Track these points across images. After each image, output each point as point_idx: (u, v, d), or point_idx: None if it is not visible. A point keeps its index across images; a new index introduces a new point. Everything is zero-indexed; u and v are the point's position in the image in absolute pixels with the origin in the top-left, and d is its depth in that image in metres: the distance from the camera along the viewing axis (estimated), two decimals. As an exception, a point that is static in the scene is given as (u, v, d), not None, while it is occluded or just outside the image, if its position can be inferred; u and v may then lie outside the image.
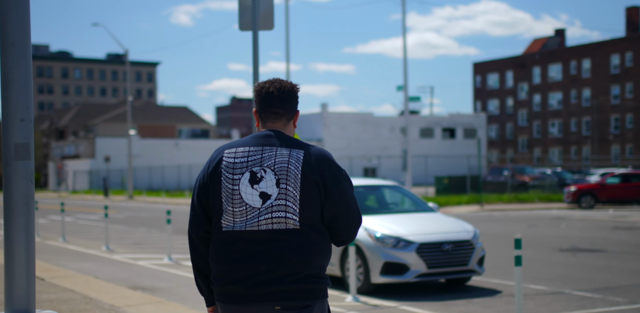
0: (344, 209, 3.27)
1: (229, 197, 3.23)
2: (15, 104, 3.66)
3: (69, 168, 72.84)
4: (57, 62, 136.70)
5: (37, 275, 11.73)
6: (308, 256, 3.19)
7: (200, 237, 3.35)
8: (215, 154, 3.35)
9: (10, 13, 3.67)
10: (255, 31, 7.10)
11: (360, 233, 10.45)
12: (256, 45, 7.08)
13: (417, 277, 10.17)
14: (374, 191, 12.12)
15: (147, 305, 9.14)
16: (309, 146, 3.30)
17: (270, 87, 3.36)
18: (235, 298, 3.19)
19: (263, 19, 7.17)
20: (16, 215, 3.66)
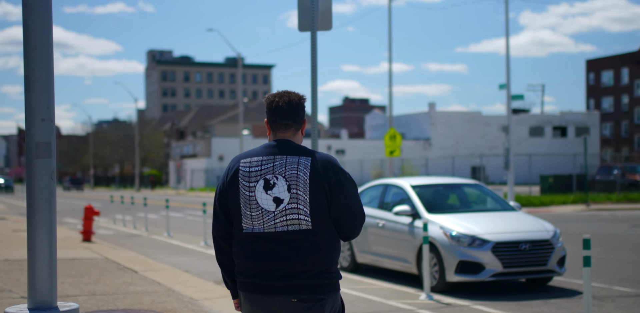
0: (347, 209, 3.57)
1: (247, 202, 3.55)
2: (36, 104, 3.76)
3: (187, 167, 75.07)
4: (179, 66, 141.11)
5: (131, 267, 12.15)
6: (321, 254, 3.49)
7: (223, 237, 3.68)
8: (232, 164, 3.66)
9: (32, 17, 3.77)
10: (314, 32, 7.07)
11: (435, 232, 10.26)
12: (314, 45, 7.04)
13: (492, 276, 9.87)
14: (454, 190, 11.86)
15: (223, 299, 9.26)
16: (315, 153, 3.59)
17: (279, 101, 3.63)
18: (256, 289, 3.50)
19: (321, 19, 7.14)
20: (38, 211, 3.77)
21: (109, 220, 25.93)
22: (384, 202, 11.80)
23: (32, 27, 3.77)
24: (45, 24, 3.80)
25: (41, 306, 3.75)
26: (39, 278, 3.78)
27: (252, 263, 3.50)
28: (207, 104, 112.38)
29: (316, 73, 7.05)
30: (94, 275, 11.28)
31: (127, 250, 15.20)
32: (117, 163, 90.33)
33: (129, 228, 22.62)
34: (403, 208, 10.87)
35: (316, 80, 7.06)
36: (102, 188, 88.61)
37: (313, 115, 7.18)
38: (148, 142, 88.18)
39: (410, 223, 10.78)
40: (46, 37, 3.80)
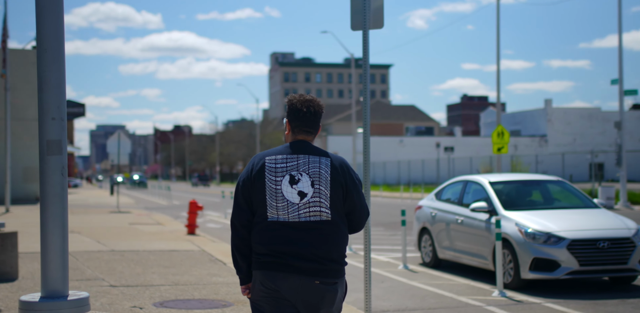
0: (358, 204, 3.95)
1: (273, 194, 3.84)
2: (47, 104, 3.89)
3: (305, 164, 76.02)
4: (300, 67, 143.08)
5: (222, 259, 12.38)
6: (338, 242, 3.86)
7: (244, 225, 3.92)
8: (257, 160, 3.95)
9: (44, 21, 3.90)
10: (366, 31, 6.96)
11: (511, 228, 9.92)
12: (366, 44, 6.93)
13: (568, 274, 9.42)
14: (535, 186, 11.40)
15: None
16: (331, 154, 3.98)
17: (306, 111, 3.98)
18: (281, 267, 3.76)
19: (373, 18, 7.02)
20: (49, 205, 3.90)
21: (222, 214, 26.60)
22: (463, 198, 11.51)
23: (44, 31, 3.90)
24: (56, 27, 3.92)
25: (53, 295, 3.88)
26: (51, 269, 3.90)
27: (277, 246, 3.78)
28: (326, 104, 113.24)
29: (367, 72, 6.94)
30: (185, 266, 11.58)
31: (225, 243, 15.52)
32: (241, 161, 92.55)
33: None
34: (480, 205, 10.56)
35: (367, 79, 6.95)
36: (228, 184, 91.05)
37: (364, 113, 7.07)
38: (269, 140, 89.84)
39: (487, 219, 10.47)
40: (57, 40, 3.92)
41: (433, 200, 12.50)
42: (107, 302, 8.26)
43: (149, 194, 54.93)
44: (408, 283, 10.46)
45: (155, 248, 13.96)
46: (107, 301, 8.34)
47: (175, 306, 8.16)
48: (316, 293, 3.78)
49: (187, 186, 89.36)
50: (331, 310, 3.87)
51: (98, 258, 12.29)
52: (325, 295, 3.80)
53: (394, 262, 12.74)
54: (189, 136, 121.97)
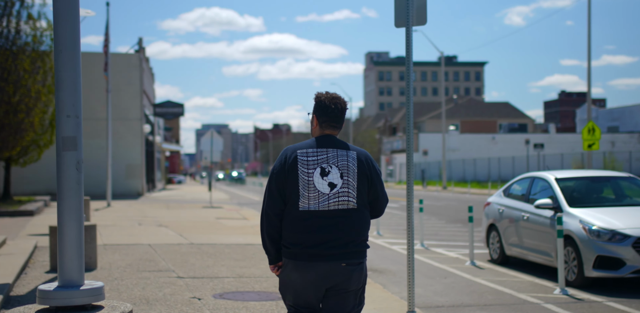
0: (380, 194, 4.25)
1: (305, 185, 4.05)
2: (63, 102, 3.98)
3: (397, 161, 75.54)
4: (395, 66, 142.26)
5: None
6: (362, 228, 4.14)
7: (276, 214, 4.12)
8: (289, 153, 4.14)
9: (60, 24, 3.99)
10: (409, 28, 6.82)
11: (575, 225, 9.52)
12: (409, 41, 6.79)
13: (633, 273, 8.95)
14: (604, 183, 10.89)
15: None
16: (356, 148, 4.24)
17: (334, 108, 4.21)
18: (310, 257, 4.01)
19: (417, 14, 6.87)
20: (65, 199, 3.99)
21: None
22: (530, 195, 11.12)
23: (61, 32, 3.99)
24: (72, 29, 4.01)
25: (68, 284, 3.97)
26: (67, 260, 4.00)
27: (309, 235, 4.01)
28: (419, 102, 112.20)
29: (410, 68, 6.80)
30: (255, 259, 11.69)
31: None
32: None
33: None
34: (544, 201, 10.18)
35: (410, 75, 6.80)
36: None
37: (407, 108, 6.92)
38: (362, 138, 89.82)
39: (552, 216, 10.08)
40: (73, 41, 4.01)
41: (501, 197, 12.15)
42: (169, 293, 8.43)
43: (245, 190, 55.93)
44: (471, 280, 10.20)
45: (232, 242, 14.16)
46: (169, 291, 8.51)
47: (232, 297, 8.24)
48: (345, 274, 4.06)
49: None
50: (358, 288, 4.18)
51: (176, 250, 12.57)
52: (352, 275, 4.09)
53: (462, 258, 12.47)
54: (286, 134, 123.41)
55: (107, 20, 29.01)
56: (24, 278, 9.58)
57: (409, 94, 6.82)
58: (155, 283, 9.11)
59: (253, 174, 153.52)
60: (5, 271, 9.27)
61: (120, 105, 38.00)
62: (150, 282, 9.15)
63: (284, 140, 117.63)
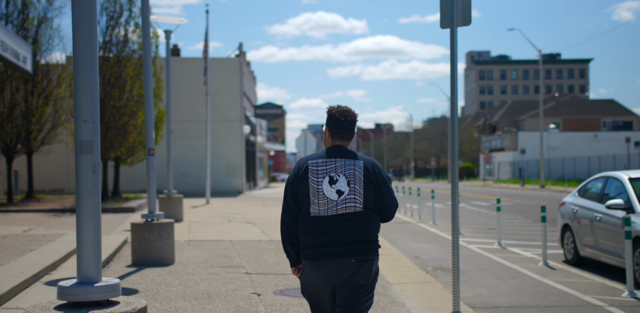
0: (388, 198, 4.40)
1: (315, 193, 4.29)
2: (79, 108, 4.07)
3: (495, 160, 73.78)
4: (496, 65, 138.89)
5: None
6: (371, 228, 4.30)
7: (292, 219, 4.38)
8: (301, 164, 4.41)
9: (78, 33, 4.09)
10: (453, 28, 6.61)
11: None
12: (454, 42, 6.58)
13: None
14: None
15: (414, 284, 9.06)
16: (364, 157, 4.43)
17: (344, 120, 4.41)
18: (322, 256, 4.24)
19: (462, 15, 6.65)
20: (83, 200, 4.08)
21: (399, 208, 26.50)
22: (603, 195, 10.57)
23: (78, 42, 4.08)
24: (89, 39, 4.09)
25: (85, 281, 4.05)
26: (84, 258, 4.08)
27: (318, 238, 4.23)
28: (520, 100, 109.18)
29: (455, 71, 6.58)
30: (327, 256, 11.69)
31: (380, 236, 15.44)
32: (434, 156, 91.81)
33: (406, 216, 22.95)
34: (616, 202, 9.65)
35: (455, 78, 6.58)
36: (421, 179, 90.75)
37: (452, 113, 6.70)
38: (461, 137, 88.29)
39: (623, 217, 9.54)
40: (90, 50, 4.09)
41: (575, 197, 11.62)
42: (232, 288, 8.53)
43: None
44: (539, 280, 9.80)
45: (310, 239, 14.20)
46: (232, 287, 8.61)
47: (292, 294, 8.24)
48: (353, 270, 4.25)
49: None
50: (368, 283, 4.31)
51: (254, 247, 12.73)
52: (359, 270, 4.25)
53: (537, 259, 12.00)
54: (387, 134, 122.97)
55: (206, 28, 29.76)
56: (105, 271, 9.93)
57: (454, 99, 6.60)
58: (223, 278, 9.24)
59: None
60: (86, 265, 9.65)
61: (221, 107, 38.92)
62: (218, 278, 9.29)
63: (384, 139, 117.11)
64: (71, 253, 10.44)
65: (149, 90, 11.23)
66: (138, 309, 4.00)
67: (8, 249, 10.45)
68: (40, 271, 8.43)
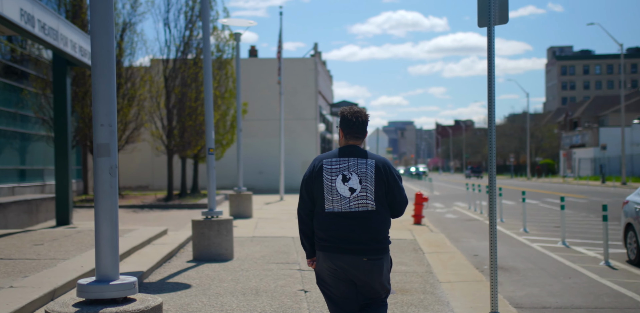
0: (398, 195, 4.52)
1: (329, 190, 4.45)
2: (97, 112, 4.16)
3: (576, 156, 71.40)
4: (578, 60, 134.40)
5: (423, 249, 12.17)
6: (381, 226, 4.43)
7: (307, 214, 4.58)
8: (317, 162, 4.56)
9: (96, 40, 4.18)
10: (490, 27, 6.40)
11: None
12: (491, 40, 6.38)
13: None
14: None
15: (463, 283, 8.85)
16: (375, 156, 4.55)
17: (356, 121, 4.54)
18: (337, 250, 4.40)
19: (499, 14, 6.44)
20: (100, 201, 4.17)
21: (467, 205, 26.01)
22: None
23: (96, 49, 4.17)
24: (106, 47, 4.17)
25: (103, 279, 4.14)
26: (102, 257, 4.17)
27: (335, 232, 4.39)
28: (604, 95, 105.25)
29: (493, 68, 6.37)
30: (384, 254, 11.58)
31: (441, 233, 15.19)
32: (512, 153, 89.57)
33: (475, 213, 22.48)
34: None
35: (492, 76, 6.37)
36: (500, 176, 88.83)
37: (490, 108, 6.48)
38: (541, 133, 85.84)
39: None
40: (107, 57, 4.17)
41: (639, 195, 11.09)
42: (281, 285, 8.55)
43: (418, 184, 55.42)
44: (596, 281, 9.41)
45: (372, 236, 14.10)
46: (282, 283, 8.63)
47: (339, 291, 8.19)
48: (365, 267, 4.40)
49: (462, 177, 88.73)
50: (380, 279, 4.49)
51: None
52: (372, 269, 4.42)
53: (599, 258, 11.52)
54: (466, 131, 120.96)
55: (280, 29, 29.99)
56: (166, 266, 10.15)
57: (492, 97, 6.39)
58: (275, 274, 9.28)
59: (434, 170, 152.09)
60: (147, 260, 9.88)
61: (297, 106, 39.19)
62: (271, 274, 9.33)
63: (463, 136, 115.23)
64: (134, 248, 10.71)
65: (208, 92, 11.39)
66: (151, 307, 4.05)
67: (77, 244, 10.82)
68: (100, 266, 8.67)
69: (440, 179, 78.47)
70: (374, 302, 4.62)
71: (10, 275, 7.83)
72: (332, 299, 4.59)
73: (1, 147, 23.26)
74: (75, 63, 15.87)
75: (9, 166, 23.56)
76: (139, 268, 9.09)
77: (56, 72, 16.07)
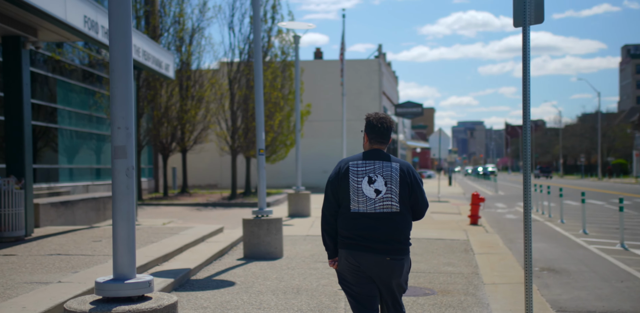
0: (420, 198, 4.59)
1: (355, 191, 4.51)
2: (114, 115, 4.20)
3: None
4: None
5: (475, 249, 11.91)
6: (404, 228, 4.50)
7: (332, 214, 4.63)
8: (343, 165, 4.64)
9: (114, 46, 4.22)
10: (526, 26, 6.17)
11: None
12: (526, 40, 6.15)
13: None
14: None
15: (507, 285, 8.61)
16: (399, 160, 4.64)
17: (381, 126, 4.64)
18: (361, 248, 4.45)
19: (535, 13, 6.20)
20: (117, 201, 4.21)
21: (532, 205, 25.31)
22: None
23: (114, 55, 4.21)
24: (124, 52, 4.20)
25: (119, 277, 4.17)
26: (119, 256, 4.20)
27: (359, 231, 4.45)
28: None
29: (528, 68, 6.15)
30: (433, 254, 11.39)
31: (496, 234, 14.83)
32: (583, 153, 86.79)
33: (537, 214, 21.89)
34: None
35: (528, 74, 6.15)
36: (570, 176, 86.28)
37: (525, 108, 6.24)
38: (613, 133, 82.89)
39: None
40: (125, 62, 4.20)
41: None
42: (323, 284, 8.49)
43: (484, 185, 54.41)
44: (649, 285, 8.98)
45: (425, 236, 13.90)
46: (324, 282, 8.58)
47: (380, 291, 8.08)
48: (387, 267, 4.46)
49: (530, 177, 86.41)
50: (399, 280, 4.54)
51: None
52: (394, 269, 4.47)
53: (658, 261, 11.02)
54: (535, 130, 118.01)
55: (342, 32, 29.97)
56: (216, 263, 10.25)
57: (527, 99, 6.16)
58: (320, 274, 9.24)
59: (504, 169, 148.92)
60: (197, 257, 10.00)
61: (361, 106, 39.08)
62: (316, 273, 9.30)
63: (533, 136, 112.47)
64: (187, 245, 10.86)
65: (259, 94, 11.43)
66: (164, 306, 4.06)
67: (133, 241, 11.05)
68: (150, 263, 8.82)
69: (508, 179, 76.86)
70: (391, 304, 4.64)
71: (62, 270, 8.05)
72: (355, 298, 4.60)
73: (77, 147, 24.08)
74: (140, 67, 16.24)
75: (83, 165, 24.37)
76: (187, 265, 9.20)
77: (122, 75, 16.47)
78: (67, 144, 23.27)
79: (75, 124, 23.82)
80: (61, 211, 14.67)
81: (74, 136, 23.79)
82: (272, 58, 28.95)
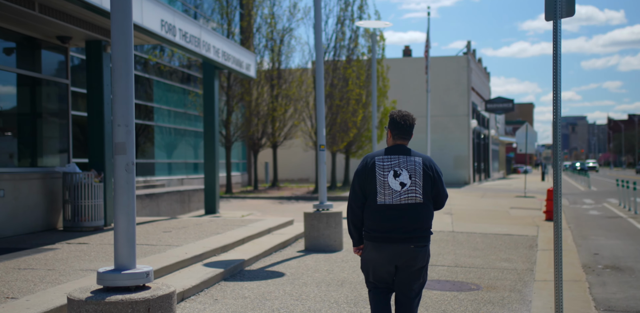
0: (442, 190, 4.78)
1: (381, 184, 4.66)
2: (115, 113, 4.28)
3: None
4: None
5: (541, 246, 11.39)
6: (427, 218, 4.67)
7: (358, 206, 4.75)
8: (369, 160, 4.77)
9: (116, 46, 4.29)
10: (556, 20, 5.80)
11: None
12: (556, 34, 5.79)
13: None
14: None
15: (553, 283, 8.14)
16: (421, 154, 4.80)
17: (404, 123, 4.78)
18: (386, 240, 4.61)
19: (566, 7, 5.83)
20: (117, 195, 4.29)
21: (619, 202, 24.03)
22: None
23: (115, 55, 4.28)
24: (125, 51, 4.27)
25: (120, 268, 4.25)
26: (119, 248, 4.28)
27: (385, 223, 4.59)
28: None
29: (558, 62, 5.78)
30: (493, 249, 10.99)
31: (568, 230, 14.14)
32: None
33: (623, 210, 20.71)
34: None
35: (558, 71, 5.77)
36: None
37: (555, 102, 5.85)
38: None
39: None
40: (125, 61, 4.27)
41: None
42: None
43: (579, 180, 52.03)
44: None
45: (493, 232, 13.45)
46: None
47: (426, 286, 7.86)
48: (412, 254, 4.62)
49: (632, 173, 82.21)
50: (422, 264, 4.71)
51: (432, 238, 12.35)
52: (417, 256, 4.65)
53: None
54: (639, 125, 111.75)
55: (427, 29, 29.42)
56: (275, 255, 10.30)
57: (557, 91, 5.79)
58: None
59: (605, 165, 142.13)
60: (256, 248, 10.08)
61: (449, 102, 38.31)
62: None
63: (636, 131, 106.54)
64: (250, 237, 10.97)
65: (320, 93, 11.38)
66: (158, 296, 4.09)
67: (200, 232, 11.28)
68: (206, 253, 8.96)
69: (607, 174, 73.29)
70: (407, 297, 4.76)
71: (122, 259, 8.30)
72: (375, 284, 4.80)
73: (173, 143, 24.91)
74: (221, 67, 16.56)
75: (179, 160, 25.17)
76: (242, 256, 9.29)
77: (205, 75, 16.88)
78: (163, 140, 24.12)
79: (171, 121, 24.66)
80: (146, 203, 15.20)
81: (170, 132, 24.62)
82: (359, 56, 28.86)
